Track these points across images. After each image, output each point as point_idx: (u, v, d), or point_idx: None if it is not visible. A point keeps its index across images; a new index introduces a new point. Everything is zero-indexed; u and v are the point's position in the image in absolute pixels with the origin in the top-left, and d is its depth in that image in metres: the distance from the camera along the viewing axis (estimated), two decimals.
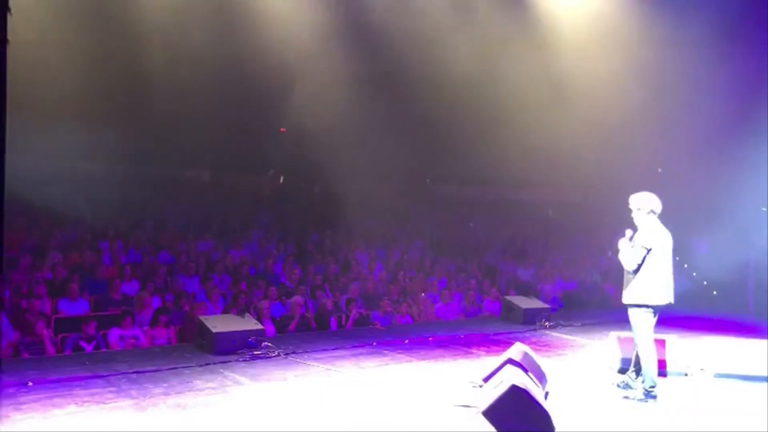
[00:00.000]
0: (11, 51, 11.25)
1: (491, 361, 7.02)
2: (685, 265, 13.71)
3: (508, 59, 13.42)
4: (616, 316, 7.12)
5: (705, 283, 13.06)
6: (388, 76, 15.22)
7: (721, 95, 12.21)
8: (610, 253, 6.89)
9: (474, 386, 6.81)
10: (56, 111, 13.36)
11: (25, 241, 12.08)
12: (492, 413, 5.49)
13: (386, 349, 8.67)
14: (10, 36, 11.09)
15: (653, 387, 6.56)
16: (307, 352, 8.35)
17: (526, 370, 6.31)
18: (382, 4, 13.22)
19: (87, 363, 7.49)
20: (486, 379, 6.67)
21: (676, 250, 6.85)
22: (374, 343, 8.97)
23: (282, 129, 19.24)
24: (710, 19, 11.77)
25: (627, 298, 6.73)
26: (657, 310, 6.67)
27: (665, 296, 6.63)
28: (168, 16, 12.31)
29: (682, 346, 7.91)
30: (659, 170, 14.94)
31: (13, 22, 11.00)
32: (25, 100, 12.35)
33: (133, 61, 12.88)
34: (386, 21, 13.34)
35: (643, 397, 6.57)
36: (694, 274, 13.38)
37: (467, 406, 6.16)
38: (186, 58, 12.94)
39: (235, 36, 13.33)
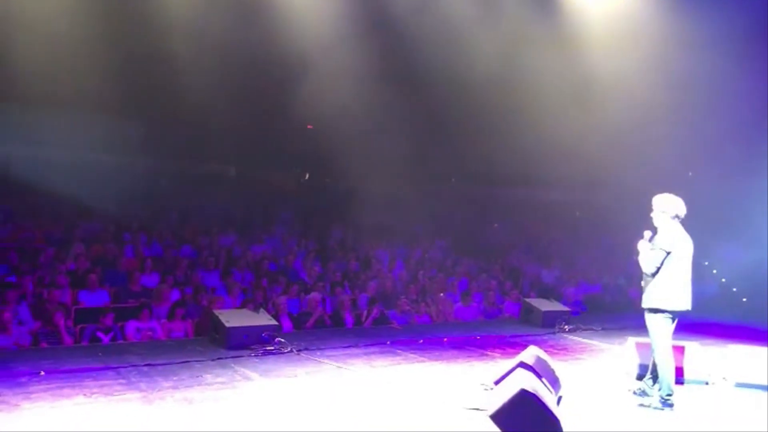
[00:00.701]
0: (41, 47, 11.42)
1: (505, 364, 6.89)
2: (714, 271, 13.40)
3: (533, 58, 13.24)
4: (638, 320, 6.93)
5: (734, 289, 12.73)
6: (414, 74, 15.13)
7: (750, 95, 11.88)
8: (635, 257, 6.70)
9: (485, 389, 6.69)
10: (86, 105, 13.57)
11: (50, 233, 12.27)
12: (500, 417, 5.37)
13: (400, 349, 8.59)
14: (42, 32, 11.24)
15: (670, 395, 6.37)
16: (320, 349, 8.30)
17: (538, 374, 6.18)
18: (408, 2, 13.12)
19: (100, 354, 7.54)
20: (497, 382, 6.54)
21: (706, 256, 6.64)
22: (388, 342, 8.90)
23: (309, 125, 19.30)
24: (737, 18, 11.46)
25: (645, 301, 6.55)
26: (676, 315, 6.47)
27: (683, 303, 6.44)
28: (196, 12, 12.37)
29: (705, 353, 7.68)
30: (689, 174, 14.64)
31: (44, 19, 11.15)
32: (55, 95, 12.59)
33: (161, 57, 12.98)
34: (413, 19, 13.23)
35: (659, 404, 6.39)
36: (723, 280, 13.06)
37: (477, 409, 6.05)
38: (214, 54, 13.02)
39: (262, 32, 13.35)
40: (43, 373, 6.63)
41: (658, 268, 6.37)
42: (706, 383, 7.42)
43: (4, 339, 8.29)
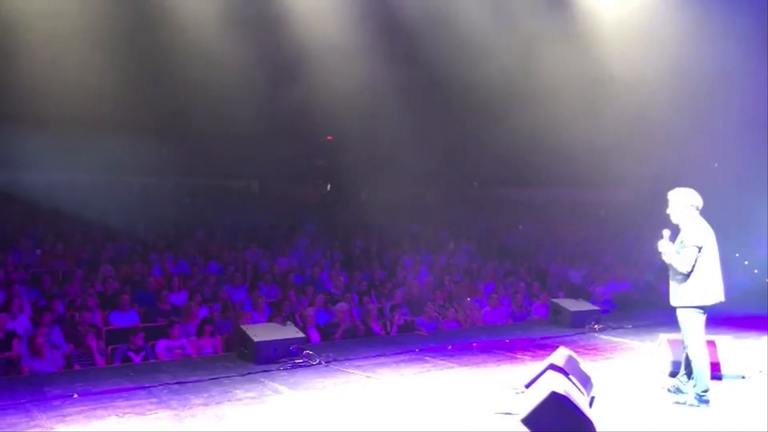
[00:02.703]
0: (69, 71, 11.62)
1: (535, 367, 6.82)
2: (746, 263, 13.17)
3: (552, 59, 13.18)
4: (670, 317, 6.82)
5: (767, 280, 12.47)
6: (434, 79, 15.16)
7: None
8: (659, 258, 6.59)
9: (516, 393, 6.63)
10: (109, 127, 13.79)
11: (78, 255, 12.46)
12: (531, 421, 5.30)
13: (428, 356, 8.55)
14: (69, 56, 11.42)
15: (706, 391, 6.24)
16: (348, 359, 8.29)
17: (568, 376, 6.10)
18: (424, 10, 13.15)
19: (131, 374, 7.61)
20: (528, 386, 6.48)
21: (736, 247, 6.52)
22: (417, 350, 8.85)
23: (329, 137, 19.41)
24: (759, 10, 11.29)
25: (675, 300, 6.43)
26: (707, 309, 6.36)
27: (715, 295, 6.32)
28: (218, 33, 12.52)
29: (739, 347, 7.53)
30: (715, 165, 14.43)
31: (71, 44, 11.33)
32: (82, 118, 12.82)
33: (185, 78, 13.16)
34: (430, 28, 13.27)
35: (695, 401, 6.26)
36: (756, 271, 12.82)
37: (508, 414, 5.99)
38: (236, 72, 13.15)
39: (282, 48, 13.49)
40: (76, 395, 6.71)
41: (693, 266, 6.26)
42: (743, 377, 7.26)
43: (38, 363, 8.41)
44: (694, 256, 6.23)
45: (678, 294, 6.38)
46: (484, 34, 13.12)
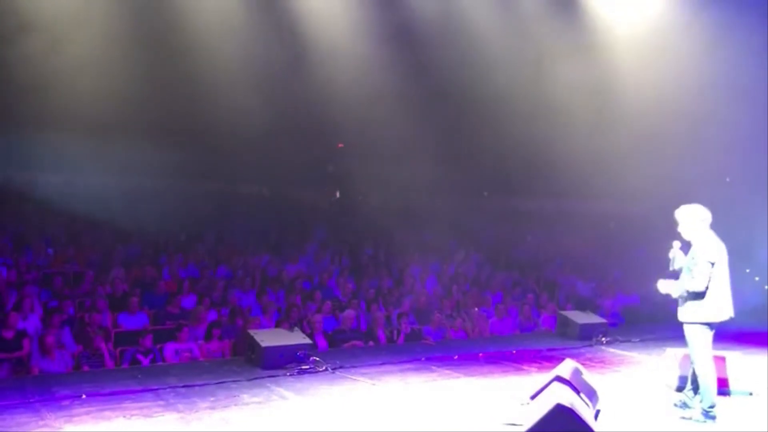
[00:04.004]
0: (80, 74, 11.73)
1: (541, 379, 6.82)
2: (756, 278, 13.08)
3: (564, 70, 13.17)
4: (677, 331, 6.81)
5: None
6: (446, 89, 15.18)
7: None
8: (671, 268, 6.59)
9: (522, 404, 6.62)
10: (122, 130, 13.89)
11: (89, 257, 12.56)
12: None
13: (435, 365, 8.56)
14: (79, 58, 11.55)
15: (712, 407, 6.22)
16: (355, 366, 8.32)
17: (574, 388, 6.10)
18: (436, 20, 13.21)
19: (139, 376, 7.68)
20: (533, 397, 6.48)
21: (747, 263, 6.49)
22: (423, 359, 8.88)
23: (340, 144, 19.47)
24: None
25: (683, 315, 6.41)
26: (715, 326, 6.34)
27: (724, 312, 6.30)
28: (230, 38, 12.60)
29: (747, 363, 7.49)
30: (727, 179, 14.37)
31: (81, 45, 11.46)
32: (93, 121, 12.93)
33: (196, 82, 13.24)
34: (440, 38, 13.32)
35: (701, 417, 6.24)
36: (767, 287, 12.74)
37: (513, 425, 5.99)
38: (247, 78, 13.23)
39: (293, 55, 13.56)
40: (84, 396, 6.78)
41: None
42: (750, 394, 7.23)
43: (47, 363, 8.50)
44: (707, 272, 6.18)
45: (686, 310, 6.36)
46: (496, 44, 13.15)
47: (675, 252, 6.49)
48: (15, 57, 10.94)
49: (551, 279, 14.90)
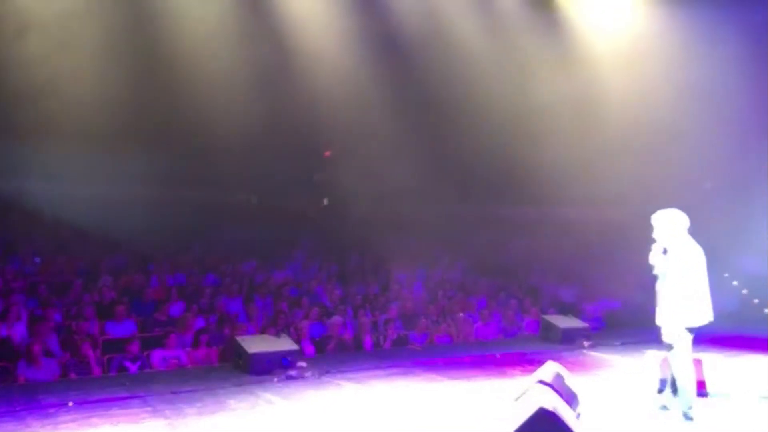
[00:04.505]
0: (65, 81, 11.74)
1: (524, 382, 6.93)
2: (735, 283, 13.29)
3: (546, 78, 13.35)
4: (659, 334, 7.02)
5: (756, 301, 12.61)
6: (428, 98, 15.30)
7: (765, 108, 11.89)
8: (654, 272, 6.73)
9: (505, 407, 6.73)
10: (109, 138, 13.89)
11: (77, 265, 12.56)
12: None
13: (420, 370, 8.66)
14: (64, 66, 11.55)
15: (691, 408, 6.37)
16: (341, 372, 8.41)
17: (557, 391, 6.21)
18: (420, 29, 13.35)
19: (127, 384, 7.73)
20: (517, 400, 6.59)
21: (725, 268, 6.62)
22: (409, 363, 8.97)
23: (327, 152, 19.57)
24: (755, 33, 11.52)
25: (663, 319, 6.54)
26: (694, 330, 6.47)
27: (703, 316, 6.42)
28: (217, 46, 12.66)
29: (726, 366, 7.67)
30: (708, 185, 14.58)
31: (66, 53, 11.48)
32: (79, 129, 12.93)
33: (183, 90, 13.28)
34: (425, 47, 13.45)
35: (681, 418, 6.38)
36: (745, 291, 12.95)
37: (497, 428, 6.10)
38: (235, 86, 13.28)
39: (281, 63, 13.63)
40: (71, 404, 6.81)
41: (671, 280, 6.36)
42: (728, 395, 7.38)
43: (34, 371, 8.51)
44: (683, 277, 6.30)
45: (665, 313, 6.49)
46: (479, 53, 13.31)
47: (656, 256, 6.61)
48: None
49: (534, 284, 15.06)
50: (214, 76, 12.96)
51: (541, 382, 6.42)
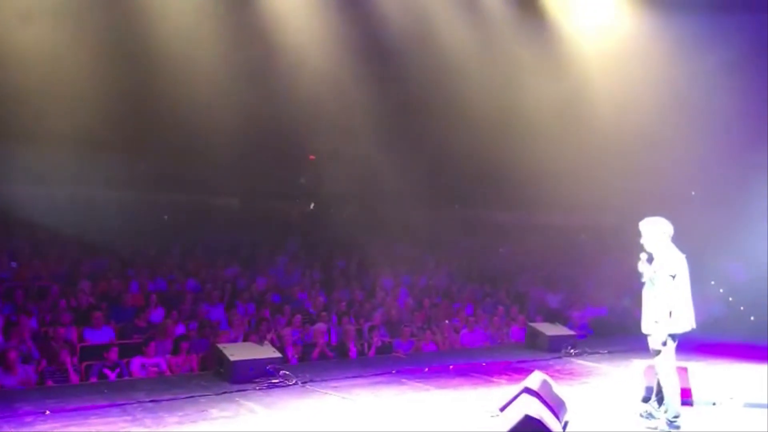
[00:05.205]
0: (44, 84, 11.57)
1: (511, 390, 6.86)
2: (721, 290, 13.33)
3: (534, 83, 13.35)
4: (644, 343, 6.98)
5: (742, 308, 12.65)
6: (417, 101, 15.28)
7: (750, 115, 11.95)
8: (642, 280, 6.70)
9: (491, 416, 6.66)
10: (89, 142, 13.70)
11: (55, 270, 12.32)
12: None
13: (405, 378, 8.56)
14: (44, 68, 11.38)
15: (677, 417, 6.33)
16: (325, 380, 8.28)
17: (543, 399, 6.15)
18: (407, 32, 13.31)
19: (105, 391, 7.55)
20: (503, 409, 6.52)
21: (711, 275, 6.61)
22: (394, 371, 8.87)
23: (311, 156, 19.46)
24: (738, 42, 11.59)
25: (648, 327, 6.52)
26: (677, 336, 6.45)
27: (686, 323, 6.42)
28: (200, 50, 12.54)
29: (711, 373, 7.64)
30: (692, 193, 14.65)
31: (47, 55, 11.30)
32: (58, 132, 12.74)
33: (164, 93, 13.13)
34: (413, 51, 13.41)
35: (666, 427, 6.35)
36: (731, 299, 12.99)
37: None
38: (217, 89, 13.16)
39: (265, 67, 13.54)
40: (48, 412, 6.63)
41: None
42: (714, 404, 7.36)
43: (9, 378, 8.30)
44: (668, 285, 6.32)
45: (650, 321, 6.47)
46: (467, 58, 13.30)
47: (643, 264, 6.59)
48: None
49: (521, 291, 15.02)
50: (196, 78, 12.83)
51: (527, 390, 6.36)
